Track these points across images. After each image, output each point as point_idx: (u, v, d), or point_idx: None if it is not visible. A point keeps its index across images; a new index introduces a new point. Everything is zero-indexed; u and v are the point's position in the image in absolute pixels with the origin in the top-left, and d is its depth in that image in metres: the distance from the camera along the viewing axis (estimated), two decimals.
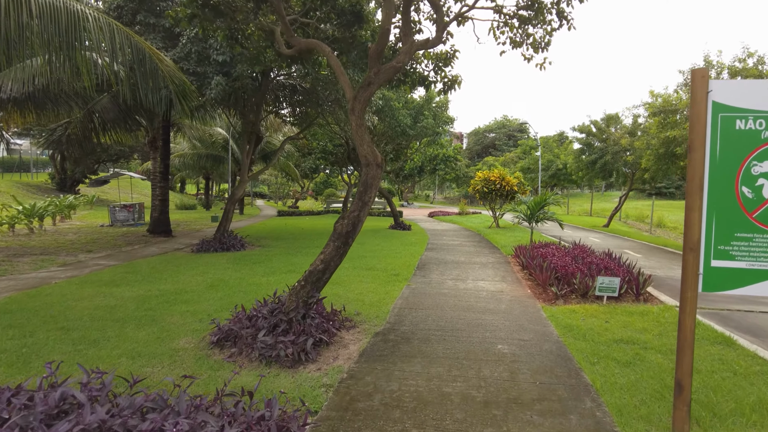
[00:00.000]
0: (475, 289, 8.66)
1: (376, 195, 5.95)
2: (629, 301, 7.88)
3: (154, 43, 12.29)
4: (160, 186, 18.82)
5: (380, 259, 11.98)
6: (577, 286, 8.12)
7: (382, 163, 5.96)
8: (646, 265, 11.55)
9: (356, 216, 5.79)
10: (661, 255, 13.89)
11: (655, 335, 5.96)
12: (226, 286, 8.63)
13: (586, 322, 6.62)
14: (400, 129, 18.18)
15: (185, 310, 6.95)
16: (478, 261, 12.09)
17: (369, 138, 5.89)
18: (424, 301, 7.66)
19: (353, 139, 5.74)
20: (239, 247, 13.89)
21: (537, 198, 15.30)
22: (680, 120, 13.54)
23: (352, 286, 8.73)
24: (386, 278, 9.48)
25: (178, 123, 26.64)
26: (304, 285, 5.70)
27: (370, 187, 5.86)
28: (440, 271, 10.57)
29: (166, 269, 10.42)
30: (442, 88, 8.19)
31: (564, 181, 39.69)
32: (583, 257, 10.41)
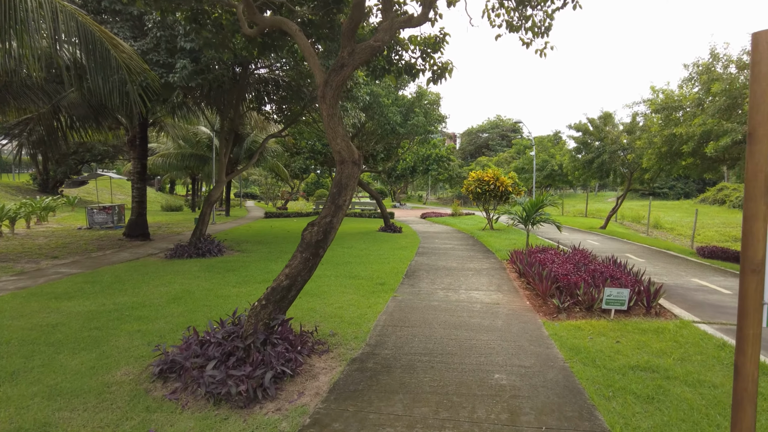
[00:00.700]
0: (468, 301, 7.81)
1: (352, 197, 5.09)
2: (639, 315, 7.07)
3: (121, 32, 11.35)
4: (137, 187, 17.88)
5: (366, 266, 11.11)
6: (582, 298, 7.31)
7: (359, 160, 5.10)
8: (652, 272, 10.78)
9: (328, 223, 4.92)
10: (665, 260, 13.13)
11: (677, 360, 5.14)
12: (191, 299, 7.72)
13: (594, 342, 5.80)
14: (389, 127, 17.33)
15: (136, 330, 6.04)
16: (472, 267, 11.26)
17: (343, 131, 5.02)
18: (411, 317, 6.79)
19: (325, 131, 4.85)
20: (216, 252, 12.97)
21: (533, 199, 14.51)
22: (685, 116, 12.81)
23: (332, 297, 7.85)
24: (371, 288, 8.61)
25: (161, 122, 25.69)
26: (266, 305, 4.82)
27: (345, 188, 5.00)
28: (431, 279, 9.72)
29: (130, 278, 9.48)
30: (431, 77, 7.34)
31: (559, 181, 39.01)
32: (585, 264, 9.61)
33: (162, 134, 29.29)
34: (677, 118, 12.99)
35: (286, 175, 37.12)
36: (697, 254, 14.03)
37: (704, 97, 11.98)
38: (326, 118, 4.93)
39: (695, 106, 12.40)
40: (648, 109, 14.26)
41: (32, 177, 41.33)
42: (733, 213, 39.58)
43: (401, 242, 16.20)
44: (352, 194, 5.06)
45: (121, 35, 11.19)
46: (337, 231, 5.15)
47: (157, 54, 11.12)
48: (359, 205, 37.71)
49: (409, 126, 17.23)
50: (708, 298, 8.41)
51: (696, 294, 8.71)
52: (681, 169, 15.35)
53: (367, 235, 18.34)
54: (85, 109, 14.23)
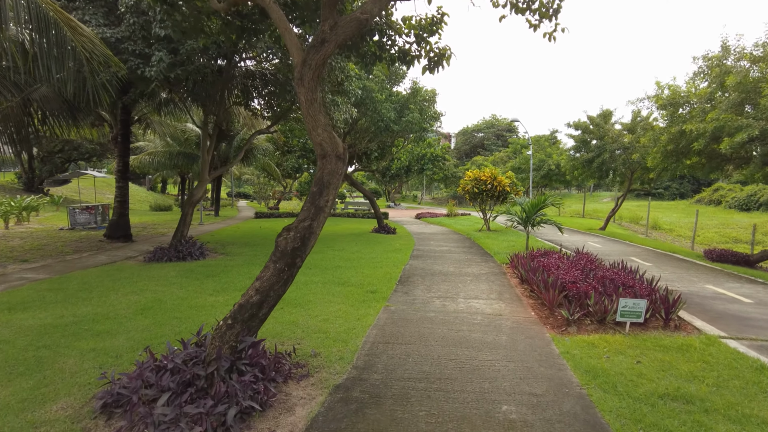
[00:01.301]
0: (467, 312, 7.10)
1: (335, 197, 4.36)
2: (657, 328, 6.39)
3: (94, 19, 10.54)
4: (119, 186, 17.07)
5: (357, 270, 10.38)
6: (593, 309, 6.62)
7: (344, 155, 4.37)
8: (662, 277, 10.12)
9: (307, 227, 4.18)
10: (673, 264, 12.48)
11: (712, 387, 4.45)
12: (161, 310, 6.96)
13: (611, 362, 5.10)
14: (383, 124, 16.60)
15: (91, 348, 5.28)
16: (470, 272, 10.56)
17: (326, 119, 4.29)
18: (404, 331, 6.07)
19: (304, 121, 4.12)
20: (197, 255, 12.19)
21: (534, 199, 13.84)
22: (693, 112, 12.16)
23: (317, 308, 7.12)
24: (361, 297, 7.88)
25: (147, 119, 24.84)
26: (232, 324, 4.09)
27: (328, 186, 4.27)
28: (426, 285, 9.00)
29: (99, 285, 8.70)
30: (428, 65, 6.62)
31: (555, 181, 38.45)
32: (592, 269, 8.93)
33: (149, 132, 28.38)
34: (684, 115, 12.36)
35: (277, 174, 36.29)
36: (705, 257, 13.41)
37: (716, 91, 11.36)
38: (305, 105, 4.19)
39: (705, 101, 11.78)
40: (653, 105, 13.64)
41: (17, 176, 40.25)
42: (729, 213, 39.23)
43: (395, 244, 15.48)
44: (335, 194, 4.33)
45: (93, 22, 10.39)
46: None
47: (133, 43, 10.33)
48: (352, 205, 36.95)
49: (404, 123, 16.51)
50: (729, 308, 7.74)
51: (715, 303, 8.04)
52: (686, 169, 14.73)
53: (359, 237, 17.60)
54: (59, 104, 13.39)
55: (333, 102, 12.07)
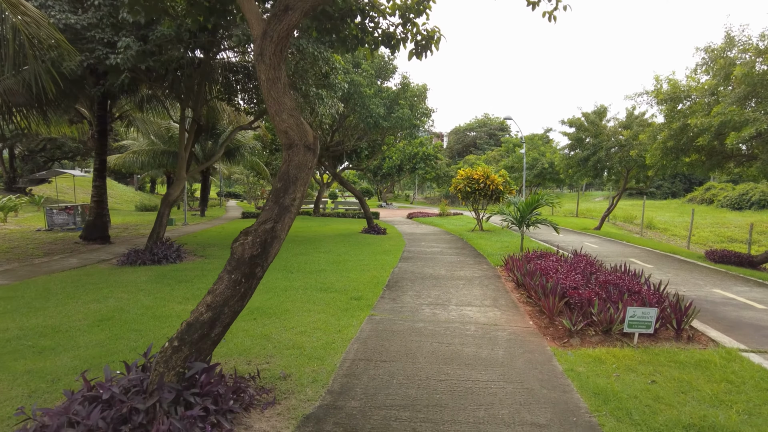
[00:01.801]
0: (460, 321, 6.47)
1: (304, 195, 3.71)
2: (669, 339, 5.80)
3: (58, 4, 9.79)
4: (95, 185, 16.31)
5: (342, 274, 9.72)
6: (597, 318, 6.01)
7: (314, 145, 3.72)
8: (665, 280, 9.56)
9: (269, 230, 3.53)
10: (675, 265, 11.93)
11: (743, 415, 3.85)
12: (121, 321, 6.26)
13: (622, 381, 4.50)
14: (372, 120, 15.95)
15: (27, 370, 4.58)
16: (463, 275, 9.94)
17: (292, 102, 3.64)
18: (389, 346, 5.43)
19: (266, 104, 3.45)
20: (174, 258, 11.46)
21: (528, 198, 13.26)
22: (694, 107, 11.64)
23: (295, 318, 6.45)
24: (344, 304, 7.23)
25: (129, 115, 24.00)
26: (179, 347, 3.42)
27: (295, 182, 3.61)
28: (416, 290, 8.36)
29: (59, 292, 7.97)
30: (414, 49, 5.98)
31: (549, 180, 38.00)
32: (592, 273, 8.35)
33: (132, 129, 27.50)
34: (685, 110, 11.83)
35: (266, 173, 35.50)
36: (707, 258, 12.91)
37: (720, 84, 10.84)
38: (266, 85, 3.54)
39: (709, 94, 11.26)
40: (653, 100, 13.10)
41: None
42: (721, 212, 39.06)
43: (384, 245, 14.83)
44: (304, 191, 3.68)
45: (57, 7, 9.63)
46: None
47: (101, 31, 9.60)
48: (343, 204, 36.27)
49: (394, 119, 15.87)
50: (742, 315, 7.18)
51: (726, 310, 7.47)
52: (684, 166, 14.23)
53: (348, 238, 16.94)
54: (26, 97, 12.59)
55: (317, 95, 11.40)
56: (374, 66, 16.82)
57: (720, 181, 46.88)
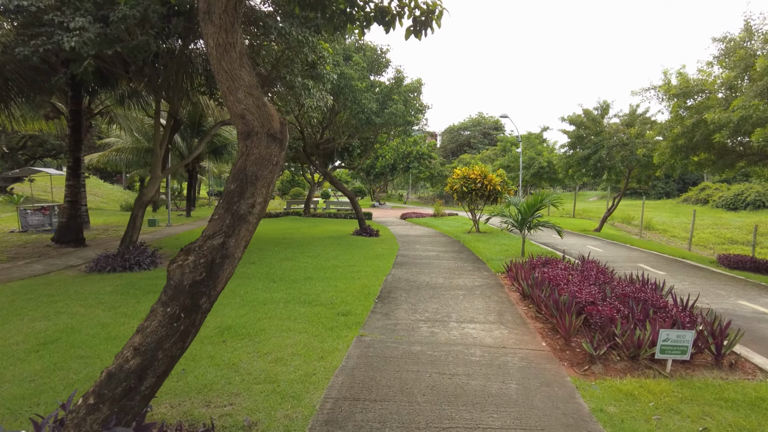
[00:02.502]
0: (463, 343, 5.61)
1: (268, 199, 2.82)
2: (707, 366, 4.98)
3: None
4: (68, 185, 15.30)
5: (330, 283, 8.84)
6: (621, 340, 5.18)
7: (281, 133, 2.84)
8: (682, 290, 8.78)
9: (217, 247, 2.64)
10: (689, 272, 11.13)
11: None
12: (67, 345, 5.34)
13: (666, 427, 3.66)
14: (364, 116, 15.05)
15: None
16: (462, 284, 9.09)
17: (252, 78, 2.74)
18: (380, 378, 4.55)
19: (217, 80, 2.53)
20: (147, 264, 10.52)
21: (530, 199, 12.45)
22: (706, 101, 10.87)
23: (271, 340, 5.56)
24: (330, 321, 6.34)
25: (111, 111, 22.95)
26: (95, 405, 2.52)
27: (254, 183, 2.73)
28: (411, 303, 7.49)
29: (6, 307, 7.01)
30: (412, 26, 5.11)
31: (546, 179, 37.28)
32: (605, 282, 7.55)
33: (114, 126, 26.39)
34: (698, 105, 11.07)
35: None
36: (720, 264, 12.15)
37: (740, 76, 10.08)
38: (215, 52, 2.65)
39: (726, 88, 10.51)
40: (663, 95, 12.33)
41: None
42: (717, 212, 38.66)
43: (377, 249, 13.96)
44: (267, 194, 2.79)
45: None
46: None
47: (60, 14, 8.62)
48: (334, 205, 35.33)
49: (387, 115, 14.99)
50: None
51: (762, 328, 6.66)
52: (693, 166, 13.49)
53: (338, 240, 16.03)
54: None
55: (304, 86, 10.48)
56: (366, 59, 15.93)
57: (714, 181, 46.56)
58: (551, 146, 38.73)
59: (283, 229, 19.82)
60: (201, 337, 5.58)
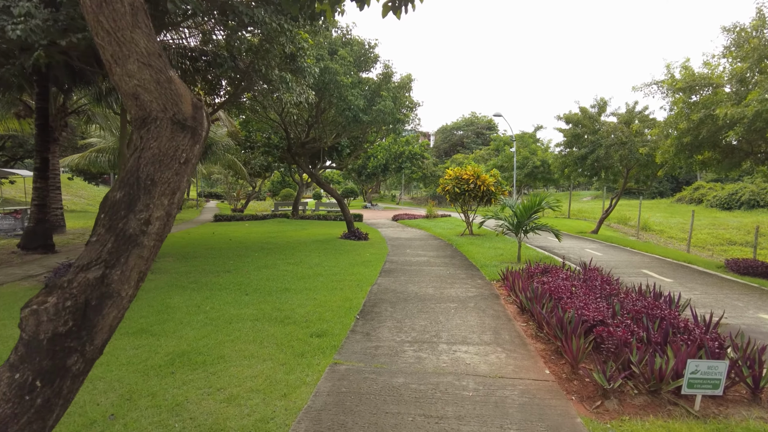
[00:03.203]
0: (454, 371, 4.82)
1: (175, 211, 2.02)
2: (741, 402, 4.22)
3: None
4: (36, 187, 14.43)
5: (309, 295, 8.02)
6: (639, 370, 4.41)
7: (196, 119, 2.02)
8: (696, 301, 8.03)
9: (93, 283, 1.81)
10: (697, 278, 10.38)
11: None
12: None
13: None
14: (351, 113, 14.24)
15: None
16: (454, 294, 8.31)
17: (151, 44, 1.93)
18: (352, 426, 3.73)
19: (96, 44, 1.70)
20: None
21: (527, 201, 11.70)
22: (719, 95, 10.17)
23: (230, 369, 4.73)
24: (301, 344, 5.52)
25: (88, 110, 21.98)
26: None
27: (150, 190, 1.91)
28: (396, 319, 6.69)
29: None
30: (390, 0, 4.32)
31: (540, 180, 36.64)
32: (612, 293, 6.80)
33: (95, 126, 25.38)
34: (706, 100, 10.37)
35: (243, 172, 33.56)
36: (728, 269, 11.45)
37: (753, 67, 9.37)
38: (91, 7, 1.83)
39: (736, 81, 9.82)
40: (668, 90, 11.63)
41: None
42: (711, 212, 38.32)
43: (364, 254, 13.14)
44: (172, 205, 1.99)
45: None
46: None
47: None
48: (324, 206, 34.46)
49: (375, 112, 14.18)
50: None
51: None
52: (697, 165, 12.81)
53: (324, 245, 15.21)
54: None
55: (281, 79, 9.65)
56: (354, 53, 15.12)
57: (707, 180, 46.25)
58: (546, 145, 38.11)
59: (268, 233, 18.96)
60: (147, 368, 4.76)
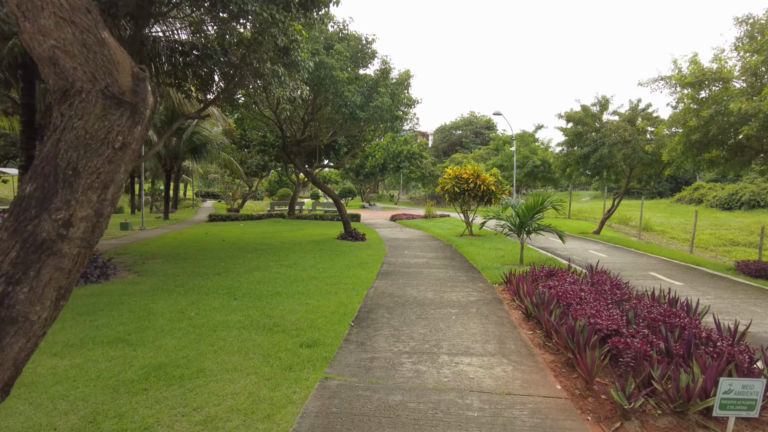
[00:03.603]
0: (456, 387, 4.38)
1: (108, 210, 1.58)
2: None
3: None
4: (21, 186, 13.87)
5: (301, 300, 7.57)
6: (662, 387, 3.99)
7: (134, 94, 1.57)
8: (710, 306, 7.60)
9: None
10: (708, 281, 9.93)
11: None
12: None
13: None
14: (347, 110, 13.78)
15: None
16: (455, 299, 7.87)
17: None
18: None
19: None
20: (96, 277, 9.20)
21: (530, 201, 11.28)
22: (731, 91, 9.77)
23: (209, 385, 4.29)
24: (289, 356, 5.08)
25: None
26: None
27: (72, 180, 1.47)
28: (393, 327, 6.25)
29: None
30: None
31: (541, 179, 36.23)
32: (623, 299, 6.37)
33: None
34: (717, 94, 9.96)
35: (239, 171, 33.07)
36: (738, 271, 11.03)
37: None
38: None
39: (750, 74, 9.40)
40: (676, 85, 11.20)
41: None
42: (711, 212, 38.03)
43: (361, 255, 12.70)
44: (103, 202, 1.54)
45: None
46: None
47: None
48: (321, 206, 33.99)
49: (372, 109, 13.73)
50: None
51: None
52: (705, 164, 12.40)
53: (320, 245, 14.76)
54: None
55: (273, 73, 9.21)
56: (350, 49, 14.67)
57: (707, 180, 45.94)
58: (546, 145, 37.72)
59: (262, 233, 18.50)
60: (118, 383, 4.31)
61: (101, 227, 1.59)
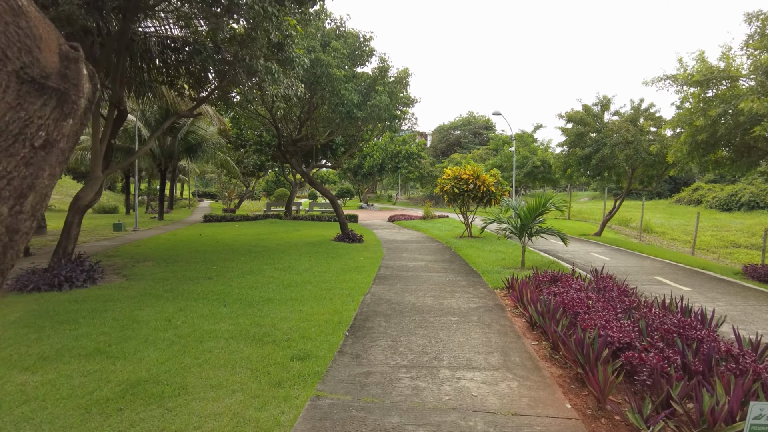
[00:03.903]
0: (458, 408, 4.05)
1: (29, 222, 1.25)
2: None
3: None
4: None
5: (294, 307, 7.24)
6: (682, 409, 3.66)
7: (62, 78, 1.24)
8: (722, 314, 7.30)
9: None
10: (716, 287, 9.63)
11: None
12: None
13: None
14: (344, 109, 13.46)
15: None
16: (455, 306, 7.55)
17: None
18: None
19: None
20: (83, 281, 8.84)
21: (532, 202, 10.97)
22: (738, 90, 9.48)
23: (191, 404, 3.95)
24: (279, 371, 4.74)
25: None
26: None
27: None
28: (391, 337, 5.92)
29: None
30: None
31: (540, 180, 35.94)
32: (632, 306, 6.06)
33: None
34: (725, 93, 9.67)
35: (236, 171, 32.71)
36: (746, 275, 10.75)
37: None
38: None
39: (761, 73, 9.10)
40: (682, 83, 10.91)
41: None
42: (711, 213, 37.89)
43: (358, 258, 12.38)
44: (23, 212, 1.20)
45: None
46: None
47: None
48: (318, 207, 33.66)
49: (370, 108, 13.40)
50: None
51: None
52: (711, 165, 12.11)
53: (316, 248, 14.42)
54: None
55: (267, 70, 8.87)
56: (348, 46, 14.34)
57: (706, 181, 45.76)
58: (546, 145, 37.46)
59: (257, 234, 18.15)
60: (91, 402, 3.97)
61: (16, 247, 1.26)
